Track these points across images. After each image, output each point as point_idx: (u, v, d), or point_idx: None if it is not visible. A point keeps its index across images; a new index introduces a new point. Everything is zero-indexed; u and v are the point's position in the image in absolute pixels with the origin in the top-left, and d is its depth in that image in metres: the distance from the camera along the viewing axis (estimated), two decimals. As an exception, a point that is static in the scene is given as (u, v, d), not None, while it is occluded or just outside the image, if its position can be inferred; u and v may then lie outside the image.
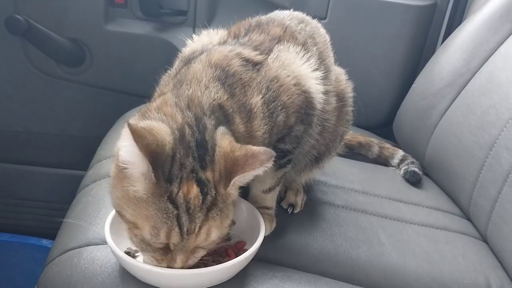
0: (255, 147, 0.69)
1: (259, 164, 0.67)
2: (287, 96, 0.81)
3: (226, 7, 1.56)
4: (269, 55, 0.84)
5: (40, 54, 1.53)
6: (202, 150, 0.69)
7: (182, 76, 0.80)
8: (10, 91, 1.60)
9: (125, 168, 0.67)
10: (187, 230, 0.67)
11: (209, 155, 0.69)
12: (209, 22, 1.55)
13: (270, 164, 0.69)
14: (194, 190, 0.67)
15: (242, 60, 0.81)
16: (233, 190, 0.70)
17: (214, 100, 0.75)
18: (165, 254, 0.71)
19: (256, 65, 0.81)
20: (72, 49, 1.54)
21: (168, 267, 0.71)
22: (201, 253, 0.73)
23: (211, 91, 0.76)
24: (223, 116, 0.75)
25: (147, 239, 0.69)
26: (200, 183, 0.67)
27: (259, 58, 0.83)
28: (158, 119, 0.71)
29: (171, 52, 1.53)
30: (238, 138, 0.74)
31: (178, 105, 0.74)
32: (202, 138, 0.70)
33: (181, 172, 0.67)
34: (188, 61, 0.83)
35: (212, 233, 0.69)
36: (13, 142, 1.67)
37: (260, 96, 0.79)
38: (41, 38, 1.50)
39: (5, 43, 1.51)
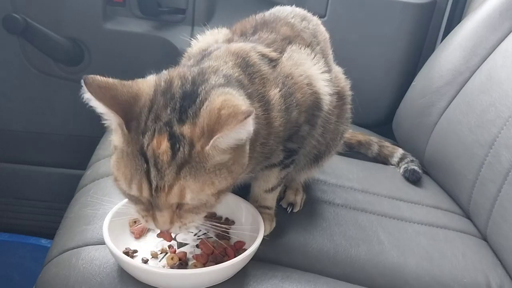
0: (243, 107, 0.65)
1: (236, 122, 0.61)
2: (301, 94, 0.82)
3: (224, 5, 1.56)
4: (282, 54, 0.84)
5: (38, 53, 1.53)
6: (188, 102, 0.66)
7: (205, 61, 0.79)
8: (8, 90, 1.60)
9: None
10: (157, 186, 0.63)
11: (194, 109, 0.65)
12: (207, 20, 1.55)
13: (249, 126, 0.63)
14: (164, 144, 0.63)
15: (259, 54, 0.81)
16: (213, 151, 0.64)
17: (234, 74, 0.74)
18: (147, 210, 0.68)
19: (271, 61, 0.82)
20: (70, 48, 1.54)
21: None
22: (189, 219, 0.69)
23: (232, 69, 0.75)
24: (243, 91, 0.73)
25: (124, 190, 0.67)
26: (173, 138, 0.64)
27: (273, 55, 0.83)
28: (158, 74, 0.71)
29: (170, 50, 1.54)
30: (257, 119, 0.72)
31: (189, 66, 0.73)
32: (192, 90, 0.67)
33: (155, 124, 0.65)
34: (206, 54, 0.81)
35: (186, 195, 0.64)
36: (11, 141, 1.66)
37: (278, 89, 0.79)
38: (39, 37, 1.49)
39: (2, 42, 1.51)
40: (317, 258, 0.91)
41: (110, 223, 0.79)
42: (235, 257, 0.77)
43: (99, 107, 0.65)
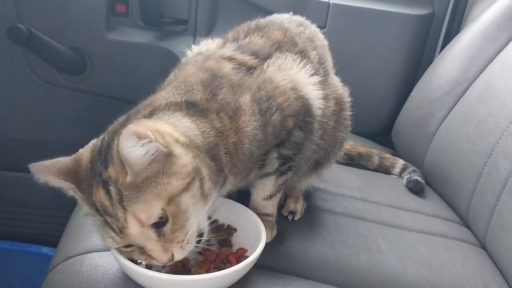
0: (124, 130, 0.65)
1: (121, 150, 0.65)
2: (283, 98, 0.83)
3: (226, 16, 1.57)
4: (266, 61, 0.86)
5: (42, 62, 1.54)
6: (108, 149, 0.70)
7: (171, 77, 0.86)
8: (11, 99, 1.61)
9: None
10: (119, 229, 0.68)
11: (111, 152, 0.69)
12: (209, 31, 1.57)
13: (130, 142, 0.64)
14: (101, 192, 0.68)
15: (235, 64, 0.83)
16: (133, 176, 0.66)
17: (181, 98, 0.78)
18: (142, 253, 0.71)
19: (250, 69, 0.84)
20: (74, 57, 1.55)
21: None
22: (179, 237, 0.70)
23: (186, 93, 0.79)
24: (186, 109, 0.76)
25: (110, 246, 0.73)
26: (104, 183, 0.68)
27: (253, 62, 0.85)
28: None
29: (172, 60, 1.54)
30: (213, 132, 0.76)
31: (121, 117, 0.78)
32: (113, 138, 0.71)
33: (95, 180, 0.70)
34: (182, 63, 0.87)
35: (141, 217, 0.67)
36: (13, 149, 1.67)
37: (249, 94, 0.81)
38: (42, 47, 1.51)
39: (7, 52, 1.52)
40: (318, 266, 0.92)
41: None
42: (237, 264, 0.78)
43: (52, 181, 0.71)
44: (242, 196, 0.92)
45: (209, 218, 0.78)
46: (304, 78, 0.87)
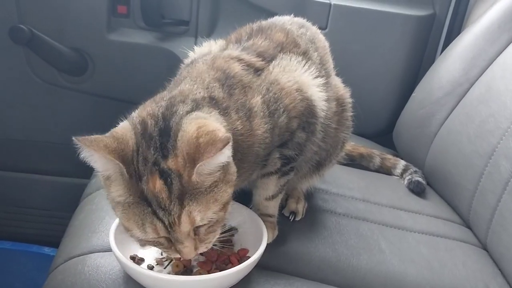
0: (220, 133, 0.66)
1: (215, 151, 0.64)
2: (290, 100, 0.83)
3: (227, 17, 1.57)
4: (271, 62, 0.86)
5: (43, 63, 1.55)
6: (165, 137, 0.68)
7: (184, 74, 0.83)
8: (12, 99, 1.61)
9: (103, 176, 0.69)
10: (169, 223, 0.66)
11: (172, 142, 0.67)
12: (210, 32, 1.57)
13: (228, 151, 0.66)
14: (158, 183, 0.65)
15: (244, 65, 0.83)
16: (200, 177, 0.66)
17: (207, 94, 0.76)
18: (169, 247, 0.71)
19: (257, 71, 0.84)
20: (75, 58, 1.56)
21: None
22: (210, 239, 0.72)
23: (207, 88, 0.77)
24: (215, 106, 0.75)
25: (141, 238, 0.70)
26: (163, 174, 0.66)
27: (260, 64, 0.85)
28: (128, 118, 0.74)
29: (173, 61, 1.54)
30: (235, 135, 0.75)
31: (157, 99, 0.76)
32: (166, 125, 0.69)
33: (146, 167, 0.67)
34: (191, 62, 0.86)
35: (196, 218, 0.67)
36: (14, 150, 1.67)
37: (260, 96, 0.81)
38: (44, 48, 1.51)
39: (8, 52, 1.53)
40: (319, 266, 0.92)
41: (116, 230, 0.80)
42: (238, 264, 0.78)
43: (98, 160, 0.66)
44: (244, 197, 0.92)
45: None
46: (308, 79, 0.88)
